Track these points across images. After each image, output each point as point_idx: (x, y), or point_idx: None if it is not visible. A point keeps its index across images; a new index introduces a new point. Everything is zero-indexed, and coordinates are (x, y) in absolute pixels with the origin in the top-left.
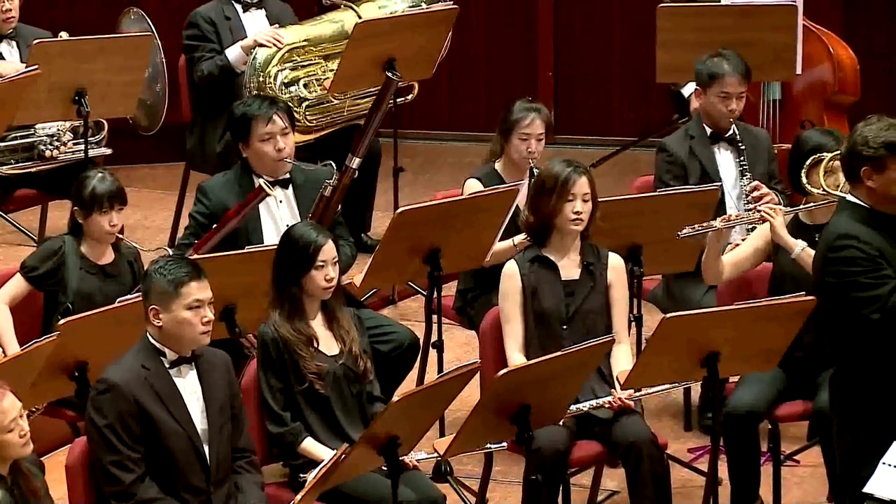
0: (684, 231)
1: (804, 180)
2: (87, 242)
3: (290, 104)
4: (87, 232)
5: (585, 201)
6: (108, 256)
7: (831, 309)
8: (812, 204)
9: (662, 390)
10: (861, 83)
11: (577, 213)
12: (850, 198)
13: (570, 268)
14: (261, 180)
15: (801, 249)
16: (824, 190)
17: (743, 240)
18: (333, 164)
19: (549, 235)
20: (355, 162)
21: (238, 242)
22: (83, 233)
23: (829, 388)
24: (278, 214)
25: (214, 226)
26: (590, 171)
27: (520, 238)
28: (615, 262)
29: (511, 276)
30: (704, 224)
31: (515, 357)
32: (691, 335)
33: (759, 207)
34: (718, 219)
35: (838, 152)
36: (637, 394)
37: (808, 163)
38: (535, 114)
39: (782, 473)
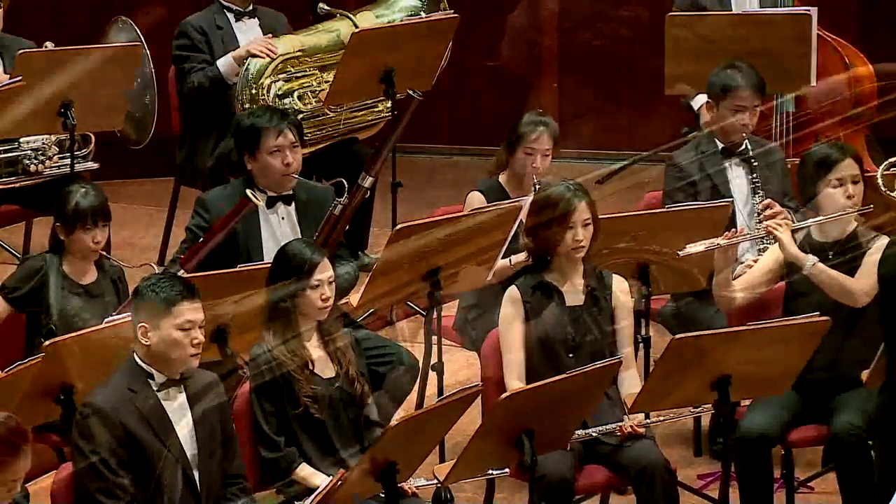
0: (686, 249)
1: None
2: (69, 260)
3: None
4: (70, 249)
5: (586, 226)
6: (91, 275)
7: None
8: (822, 218)
9: (674, 419)
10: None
11: (577, 241)
12: None
13: (574, 293)
14: (248, 190)
15: (811, 265)
16: None
17: (755, 261)
18: (345, 182)
19: (550, 260)
20: (368, 181)
21: (237, 260)
22: (65, 250)
23: (879, 397)
24: (279, 232)
25: (201, 238)
26: (588, 194)
27: (517, 258)
28: (619, 285)
29: (513, 304)
30: (707, 241)
31: (515, 387)
32: (701, 357)
33: (765, 222)
34: (722, 236)
35: None
36: (648, 421)
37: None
38: (543, 128)
39: (796, 501)
